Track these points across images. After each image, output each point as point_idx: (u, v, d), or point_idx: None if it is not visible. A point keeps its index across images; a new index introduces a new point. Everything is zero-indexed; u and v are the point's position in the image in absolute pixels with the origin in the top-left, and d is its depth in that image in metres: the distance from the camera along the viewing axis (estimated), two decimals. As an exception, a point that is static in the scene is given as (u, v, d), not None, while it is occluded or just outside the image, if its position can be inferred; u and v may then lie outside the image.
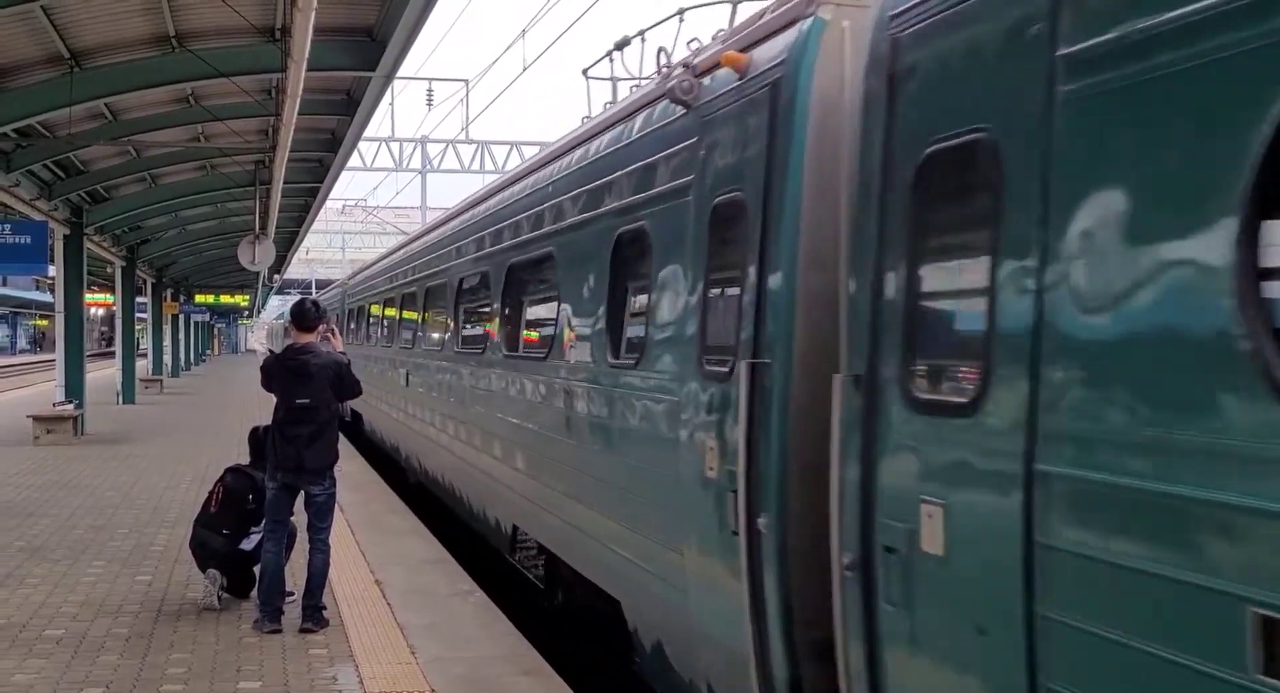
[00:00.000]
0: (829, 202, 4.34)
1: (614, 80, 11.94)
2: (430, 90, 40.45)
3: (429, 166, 45.27)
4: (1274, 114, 2.43)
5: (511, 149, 43.41)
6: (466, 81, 39.52)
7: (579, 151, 7.76)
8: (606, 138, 7.12)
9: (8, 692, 6.18)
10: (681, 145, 5.57)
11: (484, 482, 10.21)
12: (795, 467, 4.38)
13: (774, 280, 4.57)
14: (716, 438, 4.93)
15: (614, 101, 9.32)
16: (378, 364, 18.44)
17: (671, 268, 5.67)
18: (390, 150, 43.84)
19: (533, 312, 9.68)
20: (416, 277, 14.99)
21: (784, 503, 4.39)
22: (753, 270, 4.70)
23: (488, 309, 10.56)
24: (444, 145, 44.27)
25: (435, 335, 14.03)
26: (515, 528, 9.20)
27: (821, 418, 4.09)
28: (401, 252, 17.99)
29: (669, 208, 5.71)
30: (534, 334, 9.48)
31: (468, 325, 12.23)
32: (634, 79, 9.77)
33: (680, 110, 5.55)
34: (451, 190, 42.92)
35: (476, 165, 43.56)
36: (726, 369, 4.91)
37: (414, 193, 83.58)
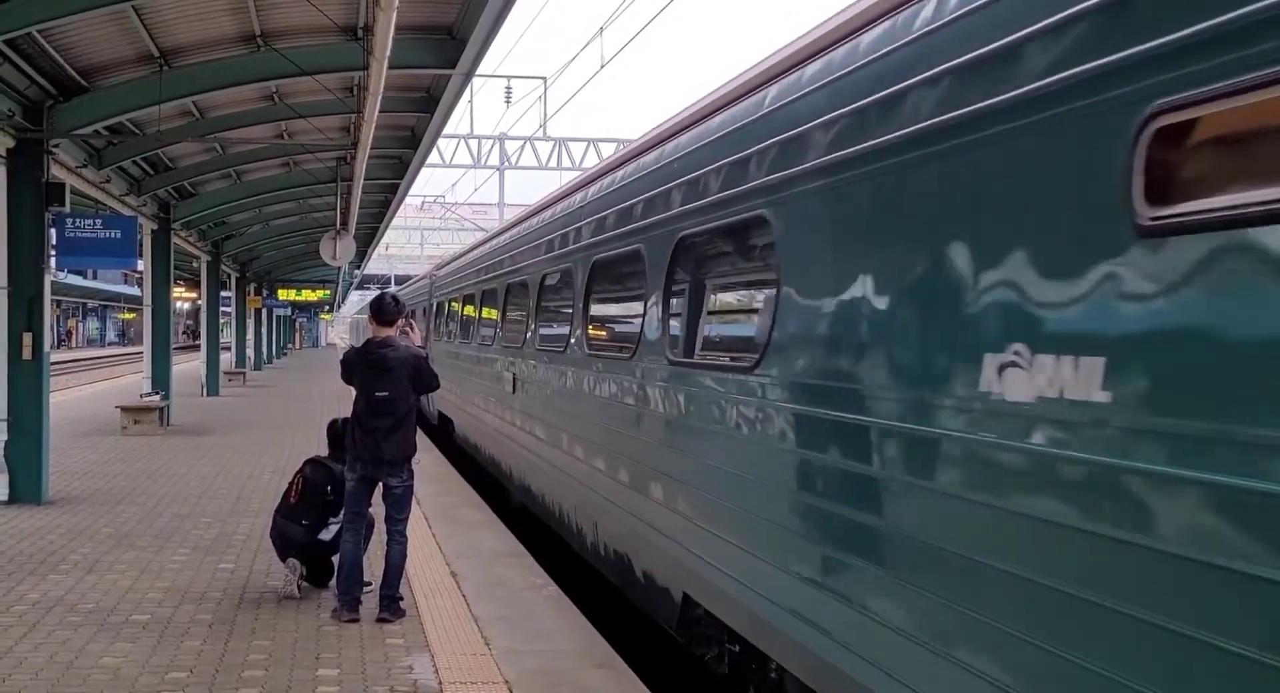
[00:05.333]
0: None
1: None
2: (509, 87, 40.69)
3: (507, 163, 45.53)
4: None
5: (589, 146, 43.54)
6: (544, 79, 39.68)
7: None
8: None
9: (96, 674, 6.34)
10: None
11: None
12: None
13: None
14: None
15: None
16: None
17: None
18: (469, 147, 44.17)
19: None
20: None
21: None
22: None
23: None
24: (522, 142, 44.47)
25: None
26: None
27: None
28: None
29: None
30: None
31: None
32: None
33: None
34: (529, 187, 43.24)
35: (554, 162, 43.75)
36: None
37: (492, 189, 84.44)
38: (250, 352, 41.23)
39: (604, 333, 9.37)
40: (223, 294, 32.47)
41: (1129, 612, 3.04)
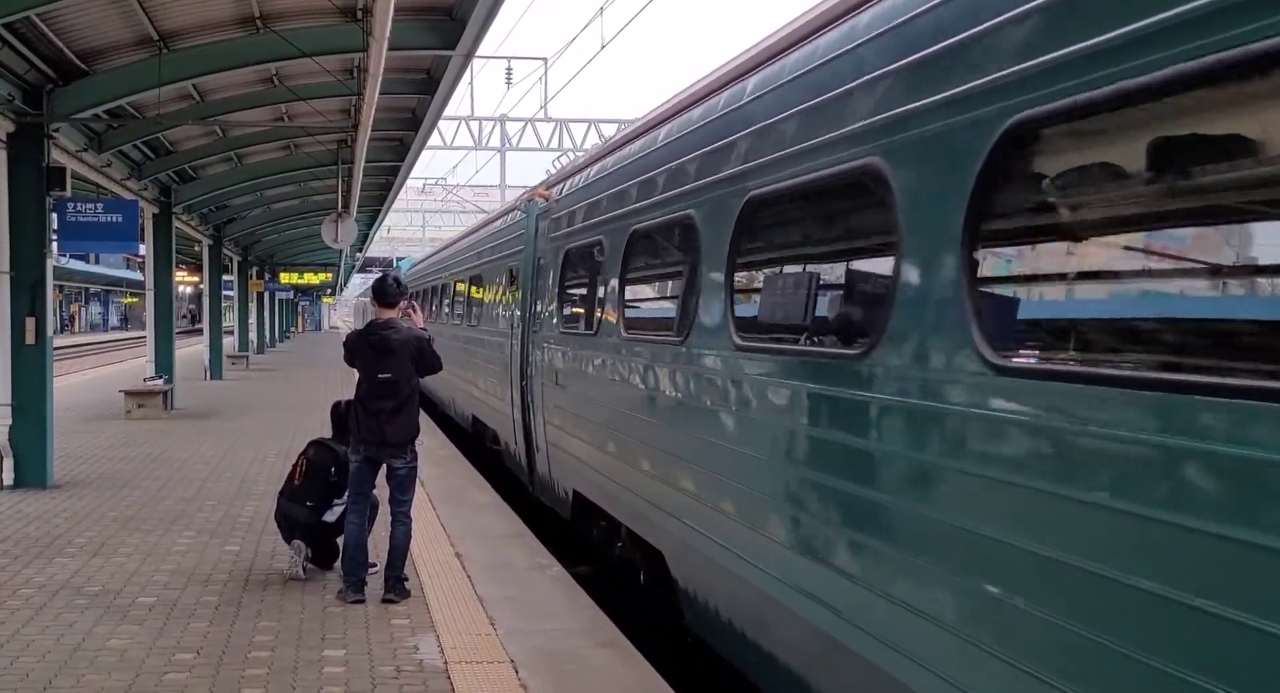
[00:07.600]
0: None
1: None
2: (509, 69, 40.52)
3: (508, 145, 45.41)
4: None
5: (590, 127, 43.43)
6: (545, 60, 39.49)
7: None
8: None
9: (103, 656, 6.38)
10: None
11: None
12: None
13: None
14: None
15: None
16: None
17: None
18: (470, 129, 44.04)
19: None
20: None
21: None
22: None
23: None
24: (523, 124, 44.31)
25: None
26: None
27: None
28: None
29: None
30: None
31: None
32: None
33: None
34: (530, 168, 43.07)
35: (555, 143, 43.63)
36: None
37: (493, 171, 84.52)
38: (253, 336, 41.25)
39: None
40: (225, 278, 32.46)
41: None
